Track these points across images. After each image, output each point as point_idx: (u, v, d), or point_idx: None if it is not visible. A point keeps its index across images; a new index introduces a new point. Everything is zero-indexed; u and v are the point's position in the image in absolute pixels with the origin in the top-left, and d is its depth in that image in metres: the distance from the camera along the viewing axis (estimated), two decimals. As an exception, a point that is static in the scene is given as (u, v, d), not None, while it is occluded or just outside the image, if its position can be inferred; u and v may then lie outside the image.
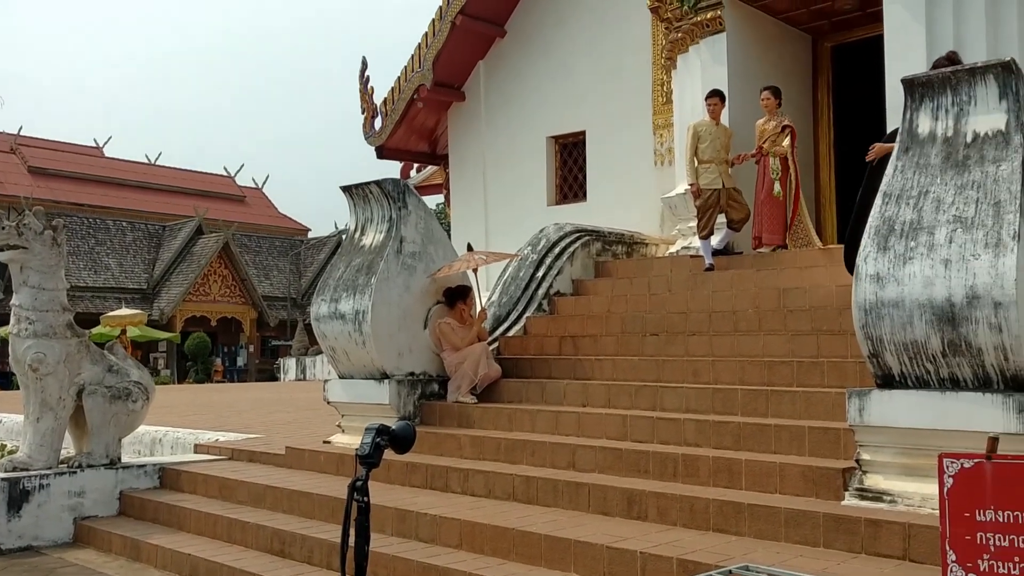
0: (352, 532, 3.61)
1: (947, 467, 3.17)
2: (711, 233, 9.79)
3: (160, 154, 52.82)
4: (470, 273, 9.08)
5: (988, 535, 3.06)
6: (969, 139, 5.27)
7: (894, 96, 8.78)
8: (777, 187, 9.80)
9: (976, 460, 3.12)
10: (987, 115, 5.24)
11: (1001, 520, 3.05)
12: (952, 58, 7.54)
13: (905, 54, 8.57)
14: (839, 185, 11.19)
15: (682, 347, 8.16)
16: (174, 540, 7.39)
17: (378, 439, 3.65)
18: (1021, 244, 4.84)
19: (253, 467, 8.86)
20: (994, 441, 3.13)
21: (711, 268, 9.47)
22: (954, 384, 5.11)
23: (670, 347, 8.24)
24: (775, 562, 4.78)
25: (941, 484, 3.17)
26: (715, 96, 9.97)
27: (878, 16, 9.46)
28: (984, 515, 3.08)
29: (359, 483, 3.57)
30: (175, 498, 8.26)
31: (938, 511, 4.94)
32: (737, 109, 10.38)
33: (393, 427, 3.76)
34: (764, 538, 5.34)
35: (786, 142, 9.72)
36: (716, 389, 7.13)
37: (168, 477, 8.79)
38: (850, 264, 7.23)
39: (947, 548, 3.13)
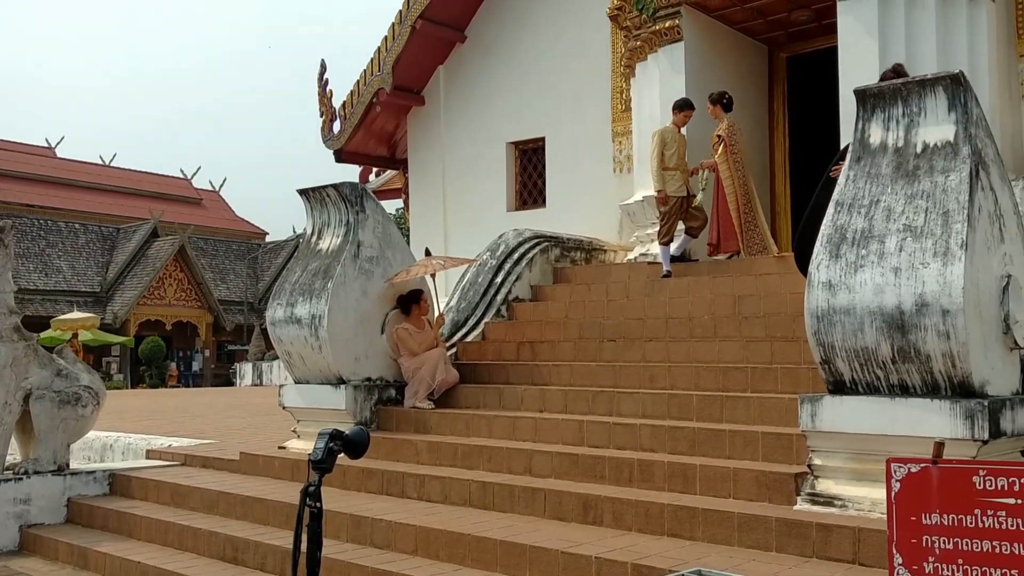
0: (304, 538, 3.58)
1: (895, 471, 3.21)
2: (672, 239, 9.84)
3: (115, 155, 52.09)
4: (428, 278, 9.06)
5: (933, 538, 3.11)
6: (919, 149, 5.37)
7: (848, 107, 8.91)
8: (699, 196, 9.92)
9: (923, 465, 3.18)
10: (936, 126, 5.35)
11: (946, 523, 3.10)
12: (898, 70, 7.69)
13: (858, 66, 8.71)
14: (794, 194, 11.33)
15: (639, 353, 8.21)
16: (123, 548, 7.26)
17: (331, 444, 3.63)
18: (968, 253, 4.94)
19: (206, 473, 8.75)
20: (940, 446, 3.19)
21: (668, 275, 9.53)
22: (903, 390, 5.19)
23: (627, 353, 8.29)
24: (728, 566, 4.83)
25: (889, 488, 3.22)
26: (691, 108, 9.98)
27: (832, 28, 9.61)
28: (930, 518, 3.13)
29: (312, 488, 3.54)
30: (125, 505, 8.12)
31: (886, 515, 5.03)
32: (695, 118, 10.46)
33: (347, 432, 3.74)
34: (718, 542, 5.38)
35: (719, 151, 9.82)
36: (672, 394, 7.18)
37: (118, 484, 8.64)
38: (801, 266, 7.36)
39: (894, 551, 3.18)
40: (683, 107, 10.00)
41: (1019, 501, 2.97)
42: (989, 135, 5.47)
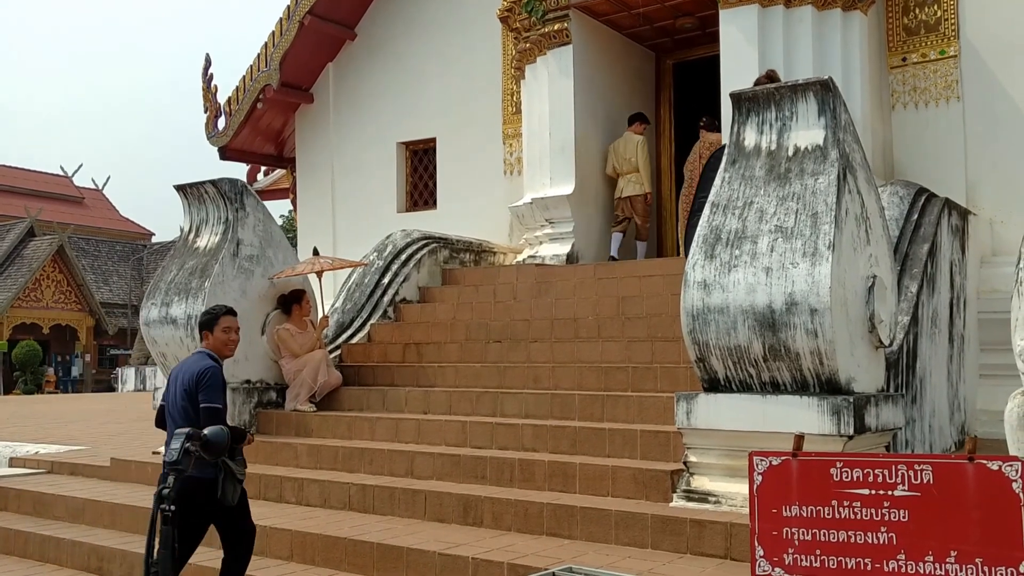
0: (157, 544, 3.41)
1: (757, 465, 3.25)
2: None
3: (-13, 151, 49.40)
4: (313, 278, 8.85)
5: (793, 530, 3.16)
6: (791, 153, 5.51)
7: (729, 112, 9.14)
8: None
9: (783, 458, 3.22)
10: (807, 130, 5.49)
11: (805, 515, 3.16)
12: (772, 75, 7.90)
13: (739, 73, 8.89)
14: (679, 197, 11.50)
15: (524, 354, 8.19)
16: (-22, 561, 6.85)
17: (188, 444, 3.48)
18: (836, 254, 5.08)
19: (74, 480, 8.35)
20: (800, 438, 3.24)
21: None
22: (774, 388, 5.31)
23: (512, 354, 8.26)
24: (604, 564, 4.84)
25: (751, 481, 3.26)
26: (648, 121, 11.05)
27: (716, 36, 9.82)
28: (790, 511, 3.18)
29: (166, 491, 3.38)
30: (-18, 515, 7.66)
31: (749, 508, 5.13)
32: (582, 122, 10.56)
33: (205, 432, 3.59)
34: (596, 540, 5.40)
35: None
36: (555, 394, 7.19)
37: (-24, 493, 8.15)
38: None
39: (756, 544, 3.22)
40: (643, 120, 10.98)
41: (873, 492, 3.04)
42: (857, 140, 5.65)
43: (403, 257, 10.28)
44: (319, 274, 8.76)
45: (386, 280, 10.03)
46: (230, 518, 4.84)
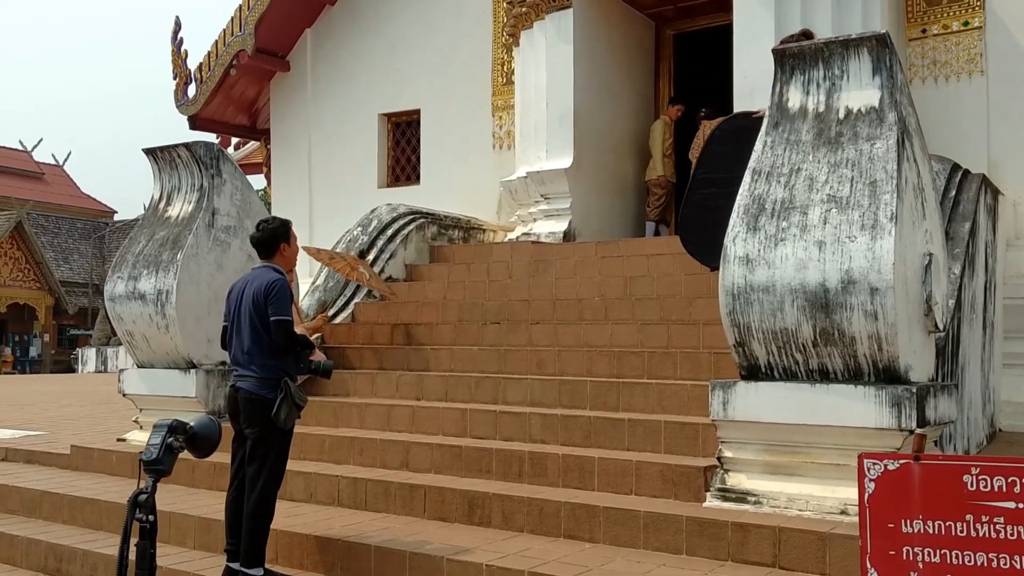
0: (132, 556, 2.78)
1: (868, 469, 2.69)
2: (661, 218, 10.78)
3: (-57, 123, 47.77)
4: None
5: (916, 549, 2.60)
6: (842, 115, 4.96)
7: (742, 83, 8.59)
8: None
9: (902, 461, 2.66)
10: (860, 91, 4.94)
11: (931, 531, 2.60)
12: (807, 33, 7.37)
13: (755, 40, 8.36)
14: (679, 174, 10.96)
15: (525, 336, 7.60)
16: (-79, 560, 6.15)
17: (171, 439, 2.83)
18: (898, 227, 4.53)
19: (30, 469, 7.66)
20: (922, 438, 2.68)
21: None
22: (824, 376, 4.77)
23: (512, 336, 7.66)
24: (638, 573, 4.28)
25: (861, 489, 2.69)
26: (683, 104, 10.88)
27: (723, 5, 9.29)
28: (911, 526, 2.62)
29: (143, 497, 2.75)
30: (-73, 508, 6.95)
31: (806, 513, 4.58)
32: (582, 92, 9.96)
33: (191, 424, 2.94)
34: (622, 544, 4.83)
35: None
36: (563, 381, 6.61)
37: (-79, 483, 7.41)
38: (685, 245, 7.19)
39: (868, 565, 2.65)
40: (677, 102, 10.92)
41: (1020, 505, 2.48)
42: (911, 103, 5.11)
43: (389, 233, 9.64)
44: (348, 277, 8.49)
45: (371, 257, 9.38)
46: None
